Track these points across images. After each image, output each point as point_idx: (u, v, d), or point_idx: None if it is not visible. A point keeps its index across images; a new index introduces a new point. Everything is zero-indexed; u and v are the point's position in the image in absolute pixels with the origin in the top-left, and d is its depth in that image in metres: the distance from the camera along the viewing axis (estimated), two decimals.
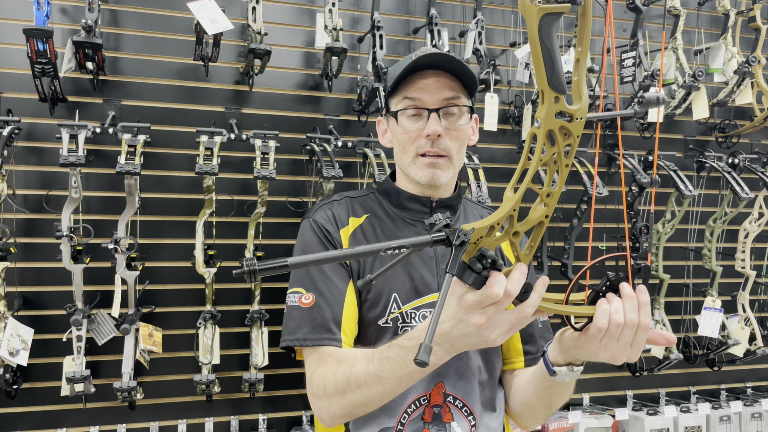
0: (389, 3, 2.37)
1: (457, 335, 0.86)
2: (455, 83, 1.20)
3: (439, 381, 1.18)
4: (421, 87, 1.19)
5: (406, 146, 1.22)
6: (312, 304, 1.16)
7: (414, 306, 1.20)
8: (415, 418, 1.16)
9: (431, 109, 1.18)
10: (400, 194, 1.29)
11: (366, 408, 1.06)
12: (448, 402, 1.18)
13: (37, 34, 1.71)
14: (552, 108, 0.72)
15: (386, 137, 1.32)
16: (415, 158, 1.21)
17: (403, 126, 1.21)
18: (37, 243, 2.00)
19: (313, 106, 2.29)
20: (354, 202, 1.33)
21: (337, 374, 1.06)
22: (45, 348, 1.98)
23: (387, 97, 1.27)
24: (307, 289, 1.18)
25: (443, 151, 1.20)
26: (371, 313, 1.20)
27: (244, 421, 2.18)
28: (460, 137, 1.22)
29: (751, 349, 2.54)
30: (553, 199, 0.80)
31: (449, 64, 1.18)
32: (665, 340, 0.92)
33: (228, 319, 2.10)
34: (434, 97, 1.18)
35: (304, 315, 1.16)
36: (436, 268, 1.23)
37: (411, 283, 1.21)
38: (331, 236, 1.23)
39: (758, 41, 2.51)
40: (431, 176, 1.20)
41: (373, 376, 1.00)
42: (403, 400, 1.16)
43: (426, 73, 1.19)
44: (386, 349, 1.00)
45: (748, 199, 2.37)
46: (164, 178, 2.12)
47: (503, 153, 2.49)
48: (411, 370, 0.96)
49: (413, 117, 1.21)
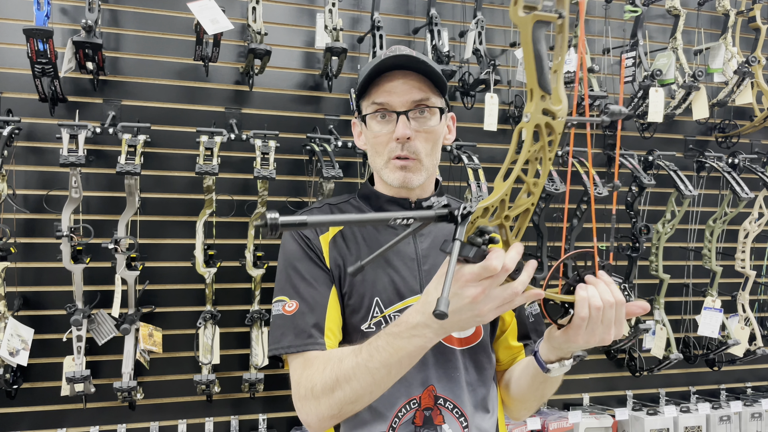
0: (389, 3, 2.38)
1: (449, 311, 0.86)
2: (424, 84, 1.19)
3: (430, 384, 1.17)
4: (389, 90, 1.17)
5: (378, 150, 1.22)
6: (296, 311, 1.16)
7: (397, 309, 1.19)
8: (406, 422, 1.15)
9: (399, 112, 1.17)
10: (379, 198, 1.29)
11: (355, 405, 1.04)
12: (439, 404, 1.17)
13: (37, 34, 1.71)
14: (539, 105, 0.80)
15: (361, 139, 1.31)
16: (387, 162, 1.21)
17: (372, 130, 1.21)
18: (37, 243, 2.00)
19: (313, 106, 2.29)
20: (334, 208, 1.32)
21: (324, 373, 1.05)
22: (45, 348, 1.98)
23: (358, 99, 1.25)
24: (290, 297, 1.18)
25: (413, 154, 1.19)
26: (353, 318, 1.19)
27: (244, 421, 2.18)
28: (431, 138, 1.21)
29: (751, 349, 2.54)
30: (538, 188, 0.87)
31: (415, 64, 1.17)
32: (641, 309, 0.97)
33: (228, 319, 2.10)
34: (402, 99, 1.17)
35: (287, 323, 1.16)
36: (418, 269, 1.22)
37: (393, 286, 1.20)
38: (311, 242, 1.22)
39: (758, 41, 2.51)
40: (402, 179, 1.20)
41: (362, 368, 1.00)
42: (394, 405, 1.15)
43: (394, 74, 1.18)
44: (374, 340, 1.00)
45: (748, 199, 2.37)
46: (164, 178, 2.12)
47: (503, 153, 2.49)
48: (400, 356, 0.96)
49: (383, 121, 1.20)
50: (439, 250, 1.23)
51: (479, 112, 2.24)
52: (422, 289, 1.19)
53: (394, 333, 0.97)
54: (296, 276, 1.19)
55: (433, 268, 1.22)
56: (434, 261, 1.24)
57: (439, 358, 1.18)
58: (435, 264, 1.23)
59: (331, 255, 1.22)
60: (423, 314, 0.91)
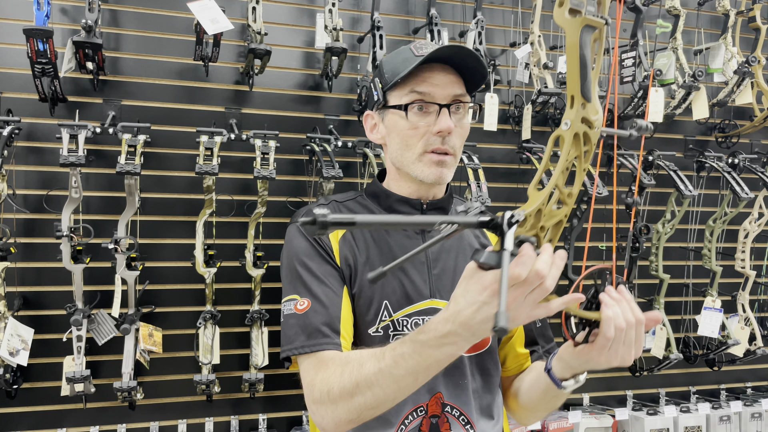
0: (389, 3, 2.37)
1: (479, 320, 0.82)
2: (460, 80, 1.17)
3: (438, 391, 1.15)
4: (432, 81, 1.14)
5: (411, 142, 1.16)
6: (308, 309, 1.11)
7: (406, 313, 1.16)
8: (413, 429, 1.13)
9: (442, 105, 1.14)
10: (389, 197, 1.25)
11: (375, 410, 1.00)
12: (446, 412, 1.15)
13: (37, 34, 1.71)
14: (580, 113, 0.77)
15: (376, 132, 1.26)
16: (421, 155, 1.16)
17: (411, 121, 1.16)
18: (37, 243, 2.00)
19: (313, 106, 2.29)
20: (341, 206, 1.29)
21: (343, 377, 1.00)
22: (45, 348, 1.98)
23: (384, 90, 1.20)
24: (302, 295, 1.13)
25: (451, 149, 1.16)
26: (361, 321, 1.17)
27: (244, 421, 2.18)
28: (464, 135, 1.20)
29: (751, 349, 2.54)
30: (572, 199, 0.84)
31: (460, 57, 1.13)
32: (655, 322, 0.94)
33: (228, 319, 2.10)
34: (445, 92, 1.14)
35: (300, 322, 1.11)
36: (428, 273, 1.20)
37: (402, 289, 1.17)
38: (321, 240, 1.18)
39: (758, 41, 2.51)
40: (439, 174, 1.16)
41: (386, 375, 0.95)
42: (400, 412, 1.13)
43: (434, 66, 1.15)
44: (399, 346, 0.95)
45: (748, 199, 2.37)
46: (164, 178, 2.12)
47: (503, 153, 2.49)
48: (428, 364, 0.92)
49: (420, 112, 1.15)
50: (449, 254, 1.22)
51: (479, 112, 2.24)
52: (432, 294, 1.18)
53: (421, 341, 0.91)
54: (307, 273, 1.15)
55: (443, 272, 1.20)
56: (444, 265, 1.21)
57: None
58: (445, 268, 1.21)
59: (342, 253, 1.18)
60: (453, 323, 0.85)
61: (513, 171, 2.49)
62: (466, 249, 1.26)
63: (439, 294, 1.19)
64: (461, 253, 1.25)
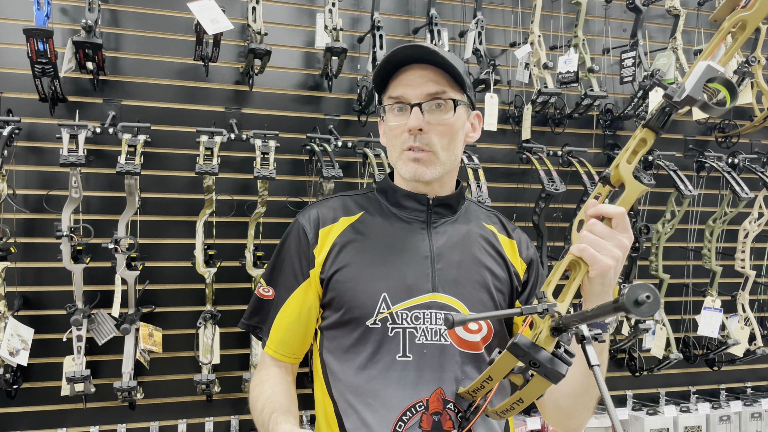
0: (389, 3, 2.38)
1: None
2: (442, 78, 1.18)
3: (438, 387, 1.13)
4: (405, 83, 1.18)
5: (393, 142, 1.22)
6: (269, 298, 1.26)
7: (405, 306, 1.15)
8: (412, 426, 1.10)
9: (413, 104, 1.16)
10: (396, 192, 1.27)
11: None
12: (448, 409, 1.13)
13: (37, 34, 1.71)
14: None
15: (382, 136, 1.31)
16: (400, 154, 1.20)
17: (389, 122, 1.22)
18: (37, 243, 2.00)
19: (313, 106, 2.29)
20: (349, 200, 1.31)
21: (254, 392, 1.22)
22: (45, 348, 1.98)
23: (380, 94, 1.27)
24: (268, 283, 1.27)
25: (426, 146, 1.17)
26: (356, 312, 1.16)
27: (244, 421, 2.18)
28: (446, 132, 1.19)
29: (750, 349, 2.54)
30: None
31: (429, 56, 1.16)
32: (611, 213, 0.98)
33: (228, 319, 2.10)
34: (416, 92, 1.17)
35: (256, 305, 1.28)
36: (431, 267, 1.19)
37: (403, 282, 1.17)
38: (307, 237, 1.23)
39: (758, 41, 2.50)
40: (414, 171, 1.18)
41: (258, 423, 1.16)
42: (398, 407, 1.11)
43: (411, 68, 1.18)
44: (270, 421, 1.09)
45: (748, 199, 2.37)
46: (164, 178, 2.12)
47: (503, 153, 2.49)
48: None
49: (398, 113, 1.20)
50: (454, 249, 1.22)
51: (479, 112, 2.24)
52: (434, 288, 1.17)
53: None
54: (277, 265, 1.27)
55: (447, 266, 1.20)
56: (449, 259, 1.21)
57: (448, 360, 1.15)
58: (449, 262, 1.20)
59: (336, 245, 1.22)
60: None
61: (513, 171, 2.49)
62: (472, 243, 1.26)
63: (442, 288, 1.19)
64: (467, 247, 1.25)
